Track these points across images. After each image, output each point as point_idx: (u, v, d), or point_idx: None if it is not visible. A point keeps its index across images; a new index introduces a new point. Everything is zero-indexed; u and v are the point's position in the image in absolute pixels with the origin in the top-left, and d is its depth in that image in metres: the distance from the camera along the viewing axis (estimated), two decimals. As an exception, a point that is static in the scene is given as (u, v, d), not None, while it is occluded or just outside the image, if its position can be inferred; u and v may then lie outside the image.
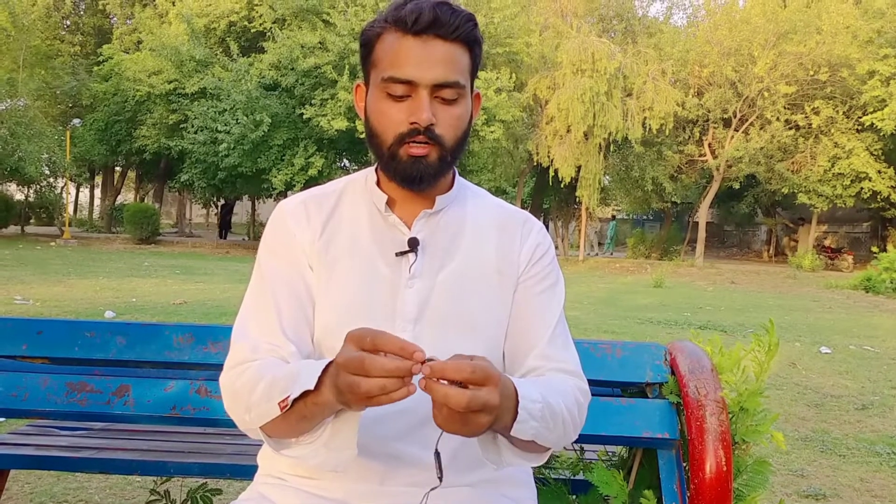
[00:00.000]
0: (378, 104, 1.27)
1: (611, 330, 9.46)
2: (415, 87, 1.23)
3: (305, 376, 1.09)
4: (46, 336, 1.78)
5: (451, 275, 1.33)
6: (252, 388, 1.18)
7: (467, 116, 1.30)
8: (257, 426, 1.20)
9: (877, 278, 18.15)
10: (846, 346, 8.84)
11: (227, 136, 22.24)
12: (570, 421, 1.24)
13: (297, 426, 1.16)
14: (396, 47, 1.24)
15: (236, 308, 1.34)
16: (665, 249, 30.92)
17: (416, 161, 1.25)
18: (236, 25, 26.13)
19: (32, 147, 24.15)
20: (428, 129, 1.23)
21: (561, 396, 1.22)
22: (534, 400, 1.12)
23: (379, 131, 1.27)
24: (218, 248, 26.64)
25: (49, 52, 28.89)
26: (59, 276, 13.23)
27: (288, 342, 1.26)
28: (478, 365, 1.00)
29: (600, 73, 23.89)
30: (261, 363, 1.22)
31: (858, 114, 24.97)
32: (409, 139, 1.24)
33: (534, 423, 1.11)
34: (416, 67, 1.22)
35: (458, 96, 1.26)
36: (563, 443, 1.27)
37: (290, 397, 1.09)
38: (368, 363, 0.97)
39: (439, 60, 1.23)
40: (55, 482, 3.42)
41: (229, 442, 2.34)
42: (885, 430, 5.15)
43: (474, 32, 1.27)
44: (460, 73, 1.26)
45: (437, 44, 1.23)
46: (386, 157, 1.27)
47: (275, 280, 1.31)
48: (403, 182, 1.29)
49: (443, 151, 1.26)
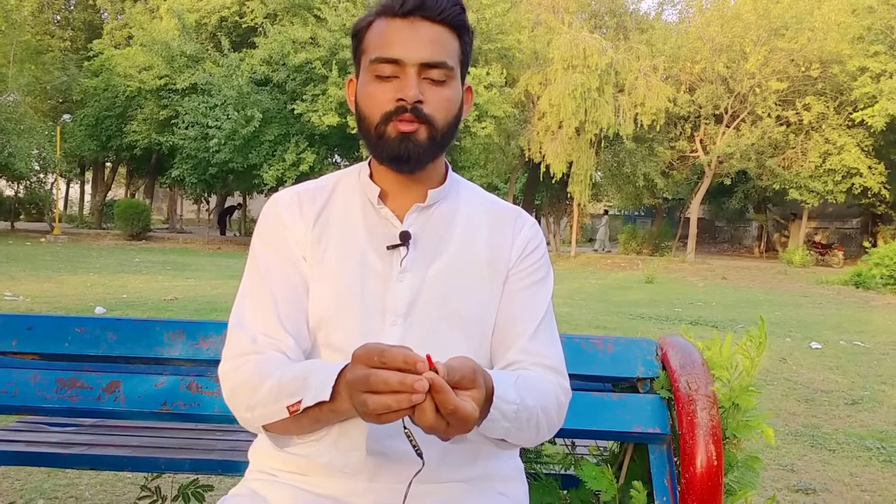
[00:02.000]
0: (366, 87, 1.27)
1: (602, 325, 9.48)
2: (402, 66, 1.23)
3: (317, 383, 1.09)
4: (36, 332, 1.77)
5: (441, 269, 1.32)
6: (255, 387, 1.18)
7: (457, 100, 1.29)
8: (260, 425, 1.20)
9: (867, 273, 18.24)
10: (836, 342, 8.88)
11: (218, 131, 22.16)
12: (546, 422, 1.24)
13: (308, 427, 1.18)
14: (384, 30, 1.25)
15: (227, 304, 1.34)
16: (656, 245, 30.98)
17: (405, 138, 1.24)
18: (227, 20, 26.04)
19: (22, 142, 24.02)
20: (415, 107, 1.23)
21: (540, 397, 1.23)
22: (509, 401, 1.12)
23: (367, 113, 1.27)
24: (209, 244, 26.57)
25: (39, 47, 28.73)
26: (49, 272, 13.18)
27: (286, 335, 1.26)
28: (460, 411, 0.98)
29: (592, 69, 23.91)
30: (262, 359, 1.22)
31: (849, 110, 25.10)
32: (396, 117, 1.23)
33: (505, 423, 1.12)
34: (402, 46, 1.23)
35: (446, 78, 1.26)
36: (537, 442, 1.29)
37: (302, 403, 1.10)
38: (373, 380, 0.98)
39: (426, 40, 1.23)
40: (46, 478, 3.41)
41: (220, 438, 2.34)
42: (874, 425, 5.17)
43: (461, 17, 1.27)
44: (448, 55, 1.25)
45: (424, 25, 1.24)
46: (374, 138, 1.27)
47: (270, 271, 1.30)
48: (392, 162, 1.28)
49: (433, 131, 1.25)
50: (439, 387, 0.97)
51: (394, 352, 0.99)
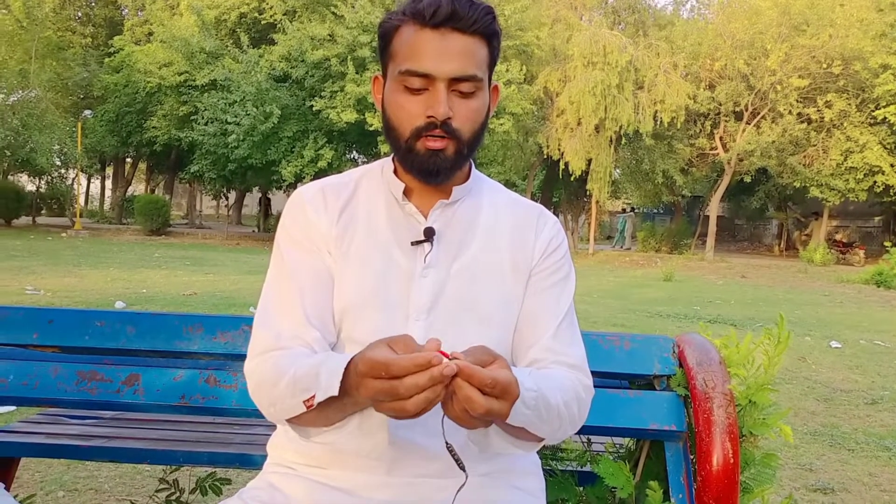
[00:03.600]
0: (395, 97, 1.26)
1: (620, 323, 9.45)
2: (432, 80, 1.22)
3: (326, 378, 1.10)
4: (57, 325, 1.79)
5: (465, 266, 1.33)
6: (275, 382, 1.19)
7: (484, 109, 1.29)
8: (283, 419, 1.22)
9: (888, 273, 18.08)
10: (857, 341, 8.81)
11: (237, 127, 22.23)
12: (567, 415, 1.24)
13: (333, 416, 1.19)
14: (414, 40, 1.23)
15: (246, 299, 1.35)
16: (675, 243, 30.80)
17: (434, 155, 1.25)
18: (247, 17, 26.10)
19: (44, 138, 24.22)
20: (445, 122, 1.23)
21: (560, 390, 1.23)
22: (528, 388, 1.12)
23: (396, 124, 1.27)
24: (228, 239, 26.70)
25: (61, 43, 28.92)
26: (70, 266, 13.29)
27: (311, 328, 1.27)
28: (500, 379, 1.01)
29: (612, 66, 23.80)
30: (283, 354, 1.23)
31: (871, 107, 24.83)
32: (425, 133, 1.24)
33: (526, 410, 1.12)
34: (433, 61, 1.22)
35: (475, 89, 1.25)
36: (560, 436, 1.28)
37: (315, 398, 1.11)
38: (403, 390, 0.98)
39: (457, 54, 1.22)
40: (65, 470, 3.45)
41: (238, 431, 2.35)
42: (894, 425, 5.13)
43: (493, 25, 1.26)
44: (478, 66, 1.25)
45: (454, 37, 1.22)
46: (403, 150, 1.28)
47: (296, 266, 1.31)
48: (420, 175, 1.29)
49: (460, 145, 1.26)
50: (468, 370, 0.99)
51: (400, 362, 0.98)
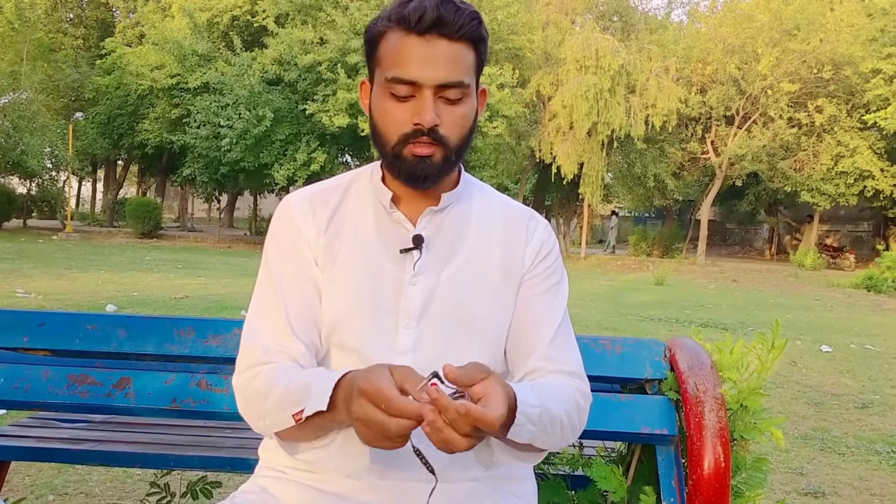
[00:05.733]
0: (382, 103, 1.26)
1: (612, 327, 9.46)
2: (419, 87, 1.22)
3: (317, 393, 1.11)
4: (48, 328, 1.78)
5: (455, 272, 1.32)
6: (265, 396, 1.20)
7: (472, 115, 1.29)
8: (272, 433, 1.22)
9: (879, 277, 18.16)
10: (847, 345, 8.84)
11: (230, 130, 22.21)
12: (569, 425, 1.24)
13: (312, 434, 1.21)
14: (400, 46, 1.22)
15: (238, 302, 1.35)
16: (667, 247, 30.87)
17: (421, 161, 1.24)
18: (239, 20, 26.10)
19: (35, 140, 24.17)
20: (432, 129, 1.22)
21: (560, 401, 1.23)
22: (532, 405, 1.12)
23: (383, 131, 1.26)
24: (220, 242, 26.64)
25: (52, 45, 28.88)
26: (61, 269, 13.24)
27: (298, 342, 1.27)
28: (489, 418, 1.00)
29: (604, 70, 23.85)
30: (272, 368, 1.24)
31: (861, 112, 24.96)
32: (412, 139, 1.23)
33: (531, 426, 1.12)
34: (419, 68, 1.21)
35: (462, 96, 1.25)
36: (562, 445, 1.29)
37: (303, 413, 1.12)
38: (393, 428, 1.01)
39: (443, 60, 1.21)
40: (56, 474, 3.43)
41: (229, 435, 2.34)
42: (885, 429, 5.15)
43: (479, 30, 1.25)
44: (465, 72, 1.24)
45: (441, 43, 1.21)
46: (390, 157, 1.27)
47: (282, 278, 1.31)
48: (407, 181, 1.28)
49: (447, 151, 1.25)
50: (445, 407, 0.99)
51: (401, 405, 1.00)
